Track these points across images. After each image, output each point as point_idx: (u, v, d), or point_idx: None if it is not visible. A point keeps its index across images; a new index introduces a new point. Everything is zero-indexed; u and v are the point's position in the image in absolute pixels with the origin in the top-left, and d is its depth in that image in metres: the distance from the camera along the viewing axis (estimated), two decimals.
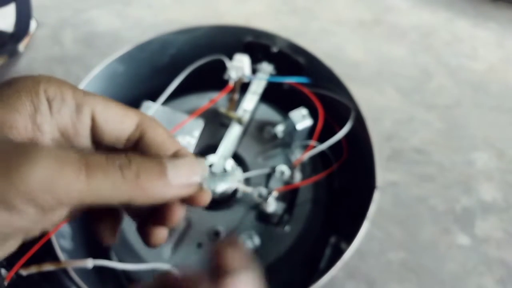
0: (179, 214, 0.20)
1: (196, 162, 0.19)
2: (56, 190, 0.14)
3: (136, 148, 0.20)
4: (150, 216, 0.21)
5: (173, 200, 0.19)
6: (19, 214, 0.14)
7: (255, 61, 0.51)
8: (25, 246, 0.35)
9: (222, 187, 0.45)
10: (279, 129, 0.49)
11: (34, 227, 0.16)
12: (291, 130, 0.46)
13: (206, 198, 0.20)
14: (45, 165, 0.14)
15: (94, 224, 0.21)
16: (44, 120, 0.17)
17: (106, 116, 0.19)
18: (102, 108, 0.19)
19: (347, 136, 0.45)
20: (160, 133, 0.20)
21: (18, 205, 0.14)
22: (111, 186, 0.16)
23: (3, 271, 0.36)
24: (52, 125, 0.18)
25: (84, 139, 0.19)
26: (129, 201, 0.16)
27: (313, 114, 0.46)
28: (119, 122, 0.19)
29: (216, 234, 0.44)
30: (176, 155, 0.20)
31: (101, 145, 0.20)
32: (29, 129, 0.17)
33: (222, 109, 0.49)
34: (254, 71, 0.52)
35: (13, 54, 0.76)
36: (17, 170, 0.14)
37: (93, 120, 0.19)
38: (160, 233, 0.21)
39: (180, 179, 0.18)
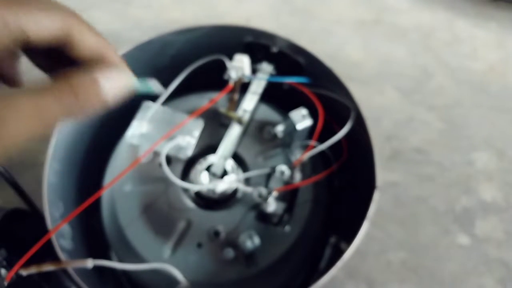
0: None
1: (124, 73, 0.22)
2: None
3: (64, 50, 0.22)
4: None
5: None
6: None
7: (255, 61, 0.51)
8: (25, 246, 0.35)
9: (221, 186, 0.45)
10: (279, 129, 0.49)
11: None
12: (291, 130, 0.46)
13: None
14: None
15: None
16: None
17: (28, 17, 0.19)
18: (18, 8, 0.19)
19: (347, 136, 0.45)
20: (87, 38, 0.22)
21: None
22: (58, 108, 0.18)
23: (3, 271, 0.36)
24: None
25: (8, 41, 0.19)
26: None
27: (313, 114, 0.46)
28: (41, 22, 0.20)
29: (216, 234, 0.44)
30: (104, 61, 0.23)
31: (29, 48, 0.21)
32: None
33: (222, 109, 0.49)
34: (254, 71, 0.52)
35: None
36: None
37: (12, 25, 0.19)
38: None
39: (113, 92, 0.21)
